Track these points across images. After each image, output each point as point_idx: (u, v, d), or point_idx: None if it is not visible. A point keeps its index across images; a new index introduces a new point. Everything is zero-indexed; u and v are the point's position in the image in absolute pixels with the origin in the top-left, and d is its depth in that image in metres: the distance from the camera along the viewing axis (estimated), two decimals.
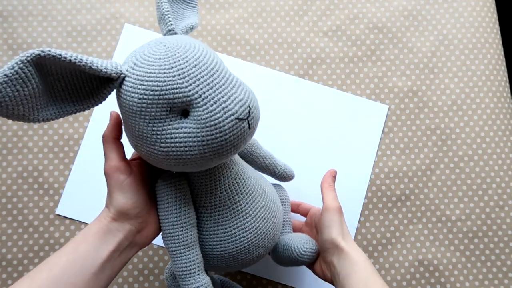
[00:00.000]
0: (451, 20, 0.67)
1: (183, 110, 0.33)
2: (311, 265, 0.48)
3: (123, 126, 0.38)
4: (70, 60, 0.30)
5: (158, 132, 0.33)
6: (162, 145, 0.34)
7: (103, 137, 0.39)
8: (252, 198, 0.42)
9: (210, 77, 0.33)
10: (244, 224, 0.41)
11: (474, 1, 0.67)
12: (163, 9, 0.37)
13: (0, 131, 0.59)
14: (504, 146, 0.63)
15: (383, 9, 0.67)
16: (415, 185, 0.62)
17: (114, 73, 0.33)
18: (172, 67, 0.33)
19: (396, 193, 0.61)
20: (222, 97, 0.33)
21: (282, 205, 0.51)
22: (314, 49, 0.65)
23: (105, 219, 0.36)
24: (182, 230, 0.39)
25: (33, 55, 0.29)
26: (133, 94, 0.33)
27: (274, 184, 0.54)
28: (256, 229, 0.42)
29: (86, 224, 0.58)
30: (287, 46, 0.65)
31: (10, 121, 0.59)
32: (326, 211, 0.45)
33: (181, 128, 0.33)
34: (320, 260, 0.47)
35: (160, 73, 0.32)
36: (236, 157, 0.43)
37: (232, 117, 0.33)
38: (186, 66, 0.33)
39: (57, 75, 0.32)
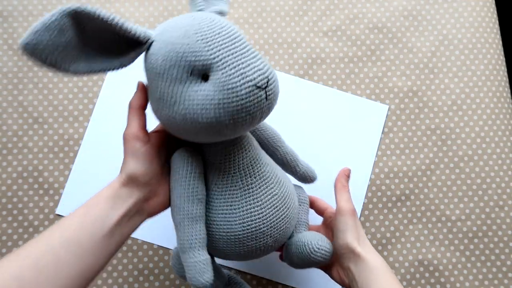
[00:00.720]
0: (451, 20, 0.67)
1: (203, 74, 0.35)
2: (328, 270, 0.47)
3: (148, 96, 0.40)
4: (102, 18, 0.33)
5: (178, 94, 0.35)
6: (181, 107, 0.35)
7: (129, 103, 0.40)
8: (265, 184, 0.42)
9: (232, 44, 0.35)
10: (253, 208, 0.41)
11: (474, 1, 0.67)
12: None
13: (0, 131, 0.59)
14: (504, 146, 0.63)
15: (383, 9, 0.67)
16: (415, 185, 0.62)
17: (142, 36, 0.36)
18: (197, 33, 0.35)
19: (396, 193, 0.61)
20: (242, 63, 0.35)
21: (299, 205, 0.50)
22: (314, 49, 0.65)
23: (116, 184, 0.38)
24: (189, 203, 0.39)
25: (71, 9, 0.32)
26: (157, 56, 0.35)
27: (294, 185, 0.52)
28: (265, 215, 0.41)
29: None
30: (287, 46, 0.65)
31: (10, 121, 0.59)
32: (340, 214, 0.44)
33: (200, 91, 0.34)
34: (337, 265, 0.46)
35: (184, 37, 0.35)
36: (254, 142, 0.43)
37: (250, 83, 0.34)
38: (210, 33, 0.35)
39: (91, 32, 0.34)
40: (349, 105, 0.63)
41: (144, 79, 0.40)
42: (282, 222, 0.43)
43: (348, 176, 0.49)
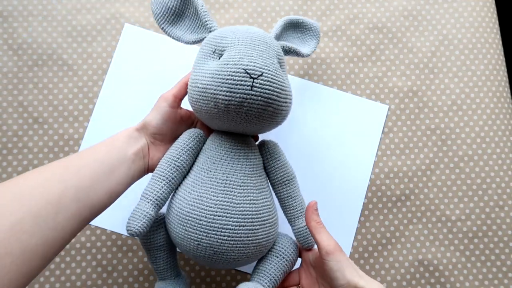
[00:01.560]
0: (451, 20, 0.67)
1: (220, 55, 0.43)
2: None
3: None
4: (196, 5, 0.48)
5: (199, 65, 0.45)
6: (195, 73, 0.44)
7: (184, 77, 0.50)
8: (231, 189, 0.43)
9: (251, 42, 0.43)
10: (206, 198, 0.43)
11: (474, 1, 0.67)
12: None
13: (0, 131, 0.59)
14: (504, 146, 0.63)
15: (383, 9, 0.66)
16: (415, 185, 0.62)
17: (208, 27, 0.48)
18: (234, 31, 0.44)
19: (396, 193, 0.61)
20: (246, 52, 0.42)
21: (277, 257, 0.47)
22: None
23: (132, 128, 0.47)
24: (166, 164, 0.45)
25: None
26: (206, 40, 0.47)
27: (285, 236, 0.49)
28: (211, 210, 0.42)
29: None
30: None
31: (10, 121, 0.59)
32: (329, 255, 0.42)
33: (210, 64, 0.43)
34: None
35: (224, 31, 0.45)
36: (255, 161, 0.46)
37: (241, 66, 0.41)
38: (243, 32, 0.44)
39: (187, 12, 0.49)
40: (349, 105, 0.63)
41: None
42: (224, 232, 0.42)
43: (316, 210, 0.46)
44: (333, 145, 0.62)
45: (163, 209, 0.49)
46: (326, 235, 0.44)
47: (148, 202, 0.43)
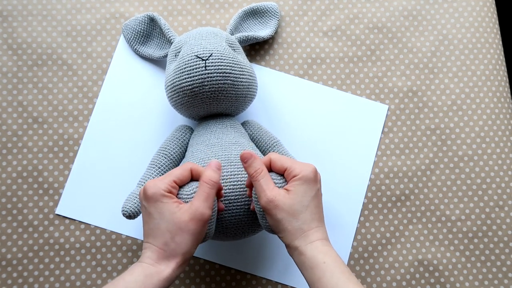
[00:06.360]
0: (451, 20, 0.67)
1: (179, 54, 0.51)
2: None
3: None
4: (160, 25, 0.58)
5: (167, 69, 0.53)
6: (166, 75, 0.52)
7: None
8: (225, 148, 0.49)
9: (200, 36, 0.51)
10: (207, 160, 0.48)
11: (474, 1, 0.67)
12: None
13: (0, 131, 0.59)
14: (504, 146, 0.63)
15: (383, 9, 0.66)
16: (415, 185, 0.62)
17: (171, 38, 0.57)
18: (188, 33, 0.53)
19: (396, 193, 0.61)
20: (196, 43, 0.49)
21: None
22: (314, 49, 0.65)
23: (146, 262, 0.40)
24: (157, 154, 0.52)
25: (147, 15, 0.59)
26: (171, 47, 0.55)
27: None
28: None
29: (86, 224, 0.58)
30: (287, 46, 0.65)
31: (10, 121, 0.59)
32: (266, 210, 0.41)
33: (173, 65, 0.51)
34: None
35: (181, 36, 0.54)
36: (236, 130, 0.52)
37: (193, 54, 0.48)
38: (194, 32, 0.52)
39: (154, 32, 0.61)
40: (349, 105, 0.63)
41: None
42: (235, 182, 0.46)
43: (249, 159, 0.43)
44: (333, 145, 0.62)
45: None
46: (264, 184, 0.41)
47: (140, 187, 0.48)
